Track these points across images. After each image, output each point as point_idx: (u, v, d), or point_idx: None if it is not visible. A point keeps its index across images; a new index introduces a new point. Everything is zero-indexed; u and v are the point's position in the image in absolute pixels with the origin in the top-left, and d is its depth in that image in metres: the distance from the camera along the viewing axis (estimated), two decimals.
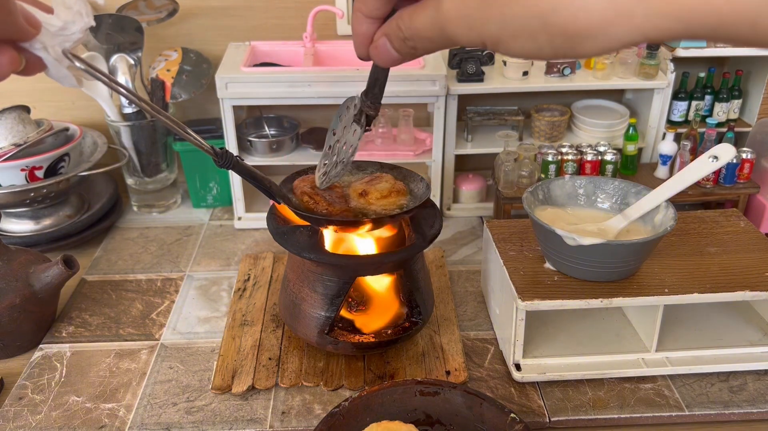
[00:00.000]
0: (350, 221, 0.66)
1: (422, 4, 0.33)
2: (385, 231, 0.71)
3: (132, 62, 0.98)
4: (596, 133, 1.01)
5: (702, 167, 0.66)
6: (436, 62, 0.94)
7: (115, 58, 0.97)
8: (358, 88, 0.90)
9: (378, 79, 0.48)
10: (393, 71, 0.91)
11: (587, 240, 0.64)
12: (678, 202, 0.95)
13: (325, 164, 0.63)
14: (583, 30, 0.28)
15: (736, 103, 1.01)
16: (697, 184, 0.94)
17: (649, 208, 0.69)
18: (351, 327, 0.71)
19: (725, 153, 0.66)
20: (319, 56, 1.01)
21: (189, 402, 0.69)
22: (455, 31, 0.32)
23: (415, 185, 0.72)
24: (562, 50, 0.30)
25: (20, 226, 0.96)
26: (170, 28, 1.05)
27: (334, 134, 0.59)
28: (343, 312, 0.71)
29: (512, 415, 0.60)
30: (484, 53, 1.01)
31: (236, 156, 0.61)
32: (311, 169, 0.74)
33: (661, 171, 0.97)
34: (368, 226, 0.68)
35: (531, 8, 0.29)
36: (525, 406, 0.67)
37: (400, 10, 0.35)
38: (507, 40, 0.30)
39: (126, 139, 1.00)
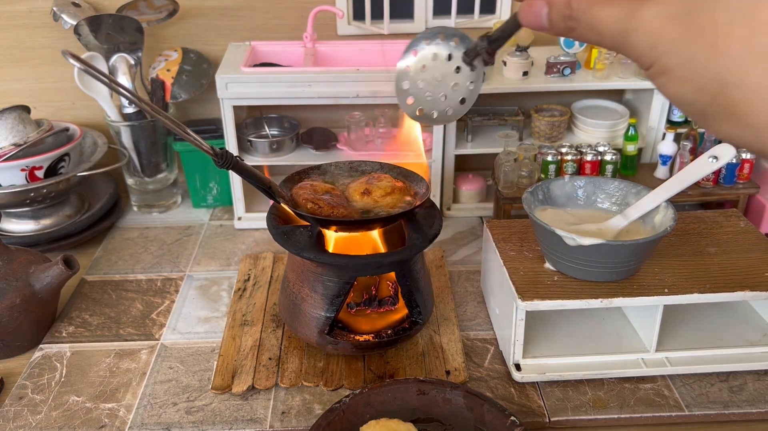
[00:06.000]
0: (351, 221, 0.66)
1: None
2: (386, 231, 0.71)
3: (132, 62, 0.98)
4: (596, 133, 1.01)
5: (702, 167, 0.66)
6: None
7: (115, 58, 0.97)
8: (358, 88, 0.91)
9: (509, 32, 0.45)
10: (392, 72, 0.91)
11: (587, 241, 0.64)
12: (678, 202, 0.95)
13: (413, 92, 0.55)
14: (743, 116, 0.28)
15: None
16: (697, 184, 0.94)
17: (649, 208, 0.69)
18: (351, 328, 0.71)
19: (725, 153, 0.66)
20: (319, 56, 1.01)
21: (189, 402, 0.69)
22: (636, 43, 0.30)
23: (415, 185, 0.72)
24: (708, 118, 0.29)
25: (20, 226, 0.96)
26: (170, 28, 1.05)
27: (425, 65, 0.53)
28: (343, 315, 0.71)
29: (512, 418, 0.60)
30: None
31: (236, 156, 0.62)
32: (311, 170, 0.74)
33: (661, 171, 0.97)
34: (370, 226, 0.68)
35: (720, 67, 0.28)
36: (525, 406, 0.67)
37: None
38: (673, 79, 0.29)
39: (126, 139, 1.00)
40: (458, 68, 0.52)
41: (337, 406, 0.61)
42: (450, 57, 0.52)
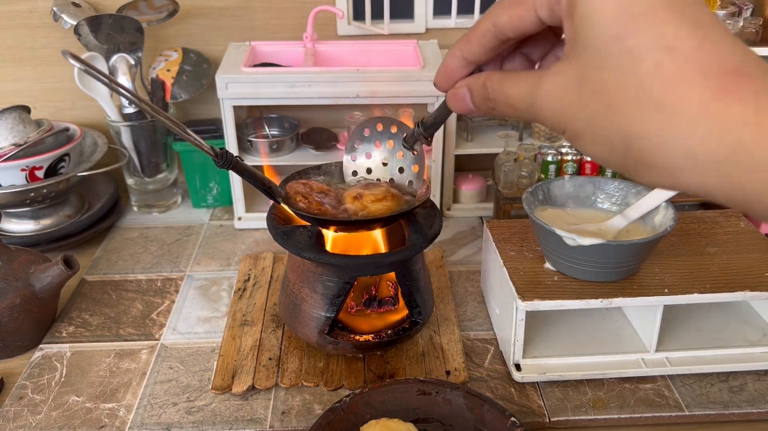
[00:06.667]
0: (351, 221, 0.66)
1: (517, 75, 0.34)
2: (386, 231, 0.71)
3: (132, 62, 0.98)
4: None
5: None
6: (436, 62, 0.94)
7: (115, 58, 0.97)
8: (358, 88, 0.91)
9: (442, 118, 0.48)
10: (392, 72, 0.91)
11: (587, 241, 0.64)
12: (678, 202, 0.95)
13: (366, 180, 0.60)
14: (656, 165, 0.29)
15: None
16: None
17: (648, 209, 0.69)
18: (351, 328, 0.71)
19: None
20: (319, 56, 1.01)
21: (189, 402, 0.69)
22: (544, 113, 0.33)
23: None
24: (629, 171, 0.30)
25: (20, 226, 0.96)
26: (170, 28, 1.05)
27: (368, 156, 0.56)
28: (343, 315, 0.71)
29: (512, 418, 0.60)
30: None
31: (236, 156, 0.62)
32: (312, 169, 0.74)
33: None
34: (370, 226, 0.68)
35: (621, 124, 0.29)
36: (525, 406, 0.67)
37: (490, 71, 0.36)
38: (586, 141, 0.31)
39: (126, 139, 1.00)
40: (400, 152, 0.55)
41: (337, 406, 0.61)
42: (391, 144, 0.55)
